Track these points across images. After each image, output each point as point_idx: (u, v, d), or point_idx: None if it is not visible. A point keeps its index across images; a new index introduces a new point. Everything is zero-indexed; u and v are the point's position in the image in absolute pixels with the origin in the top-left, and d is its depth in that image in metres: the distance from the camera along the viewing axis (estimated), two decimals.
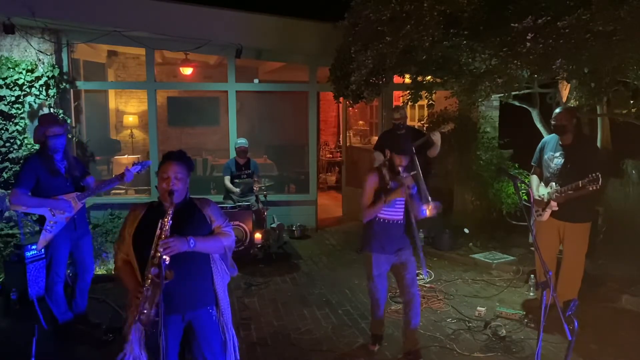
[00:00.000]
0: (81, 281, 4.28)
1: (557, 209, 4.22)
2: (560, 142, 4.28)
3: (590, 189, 3.88)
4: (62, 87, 6.88)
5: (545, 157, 4.39)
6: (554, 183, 4.23)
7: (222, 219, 2.73)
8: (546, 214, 4.30)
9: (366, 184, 3.71)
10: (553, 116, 4.28)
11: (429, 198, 4.06)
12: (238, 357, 2.82)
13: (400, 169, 3.61)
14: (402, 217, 3.74)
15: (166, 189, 2.53)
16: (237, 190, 6.68)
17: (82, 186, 4.14)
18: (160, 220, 2.47)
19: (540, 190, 4.37)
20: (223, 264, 2.77)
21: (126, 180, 4.12)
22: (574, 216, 4.21)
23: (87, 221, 4.34)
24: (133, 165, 4.21)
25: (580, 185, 3.94)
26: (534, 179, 4.49)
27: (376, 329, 4.04)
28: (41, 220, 3.98)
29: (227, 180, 6.86)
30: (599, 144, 5.88)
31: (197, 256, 2.61)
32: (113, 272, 5.67)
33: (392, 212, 3.70)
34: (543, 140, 4.59)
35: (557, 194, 4.15)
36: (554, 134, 4.40)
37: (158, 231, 2.45)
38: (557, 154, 4.28)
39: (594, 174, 3.83)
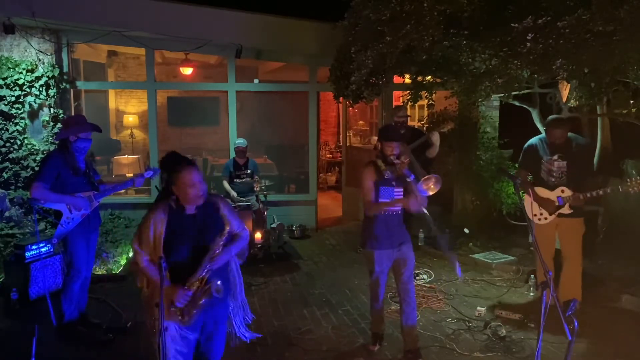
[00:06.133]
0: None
1: (570, 212, 4.26)
2: (549, 143, 4.31)
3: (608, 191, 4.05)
4: (62, 87, 6.87)
5: (544, 160, 4.39)
6: (565, 187, 4.24)
7: (236, 221, 2.90)
8: (552, 218, 4.30)
9: (364, 180, 3.71)
10: (553, 135, 4.28)
11: (426, 174, 3.94)
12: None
13: (392, 158, 3.61)
14: (400, 207, 3.74)
15: (198, 195, 2.69)
16: (234, 193, 6.68)
17: (96, 186, 4.22)
18: (212, 243, 2.71)
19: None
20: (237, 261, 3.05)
21: (137, 185, 4.26)
22: (570, 211, 4.26)
23: (99, 219, 4.41)
24: (146, 170, 4.37)
25: (609, 191, 4.06)
26: None
27: (376, 327, 4.03)
28: (56, 214, 4.03)
29: (225, 183, 6.87)
30: (598, 144, 5.89)
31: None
32: (116, 272, 5.68)
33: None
34: (529, 144, 4.56)
35: (574, 198, 4.17)
36: (536, 137, 4.48)
37: (211, 252, 2.70)
38: (556, 157, 4.30)
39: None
